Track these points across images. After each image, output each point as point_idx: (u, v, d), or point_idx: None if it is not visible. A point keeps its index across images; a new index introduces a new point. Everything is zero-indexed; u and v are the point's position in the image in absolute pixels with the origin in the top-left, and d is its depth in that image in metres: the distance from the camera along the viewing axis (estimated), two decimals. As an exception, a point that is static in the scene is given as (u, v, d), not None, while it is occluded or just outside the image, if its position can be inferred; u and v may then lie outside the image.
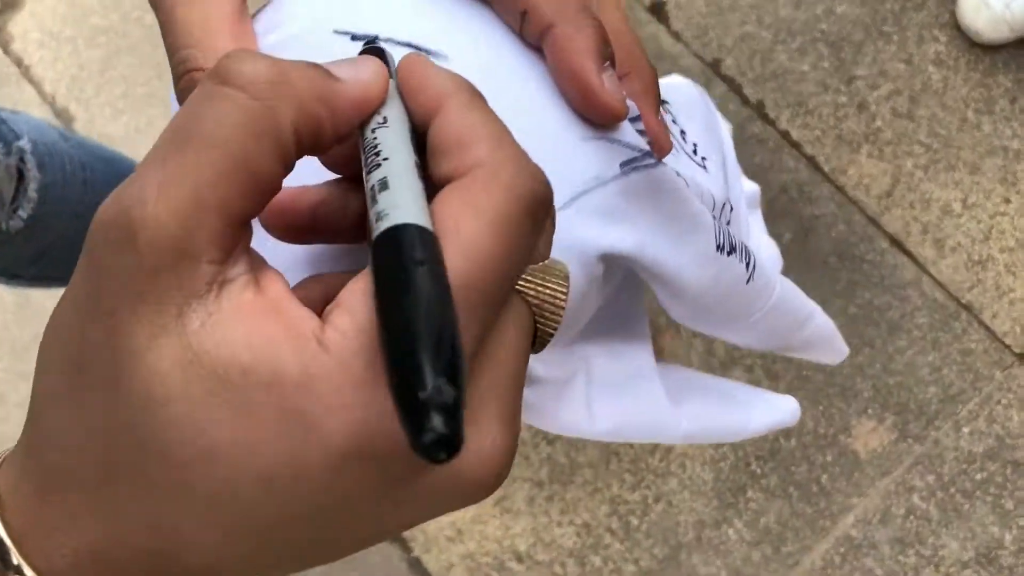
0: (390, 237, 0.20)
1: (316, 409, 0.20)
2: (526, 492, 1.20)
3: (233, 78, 0.22)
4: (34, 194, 0.75)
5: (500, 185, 0.22)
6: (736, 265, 0.41)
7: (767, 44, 1.28)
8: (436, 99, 0.25)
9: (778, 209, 1.22)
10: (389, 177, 0.22)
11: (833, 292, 1.19)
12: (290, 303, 0.22)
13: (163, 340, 0.21)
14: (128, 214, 0.21)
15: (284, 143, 0.22)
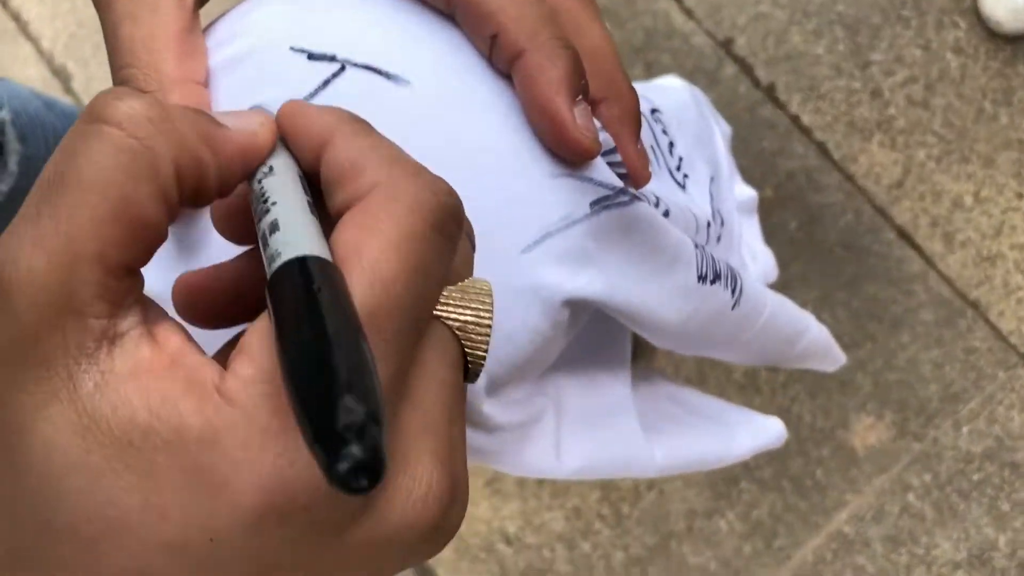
0: (284, 273, 0.19)
1: (223, 466, 0.19)
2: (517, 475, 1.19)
3: (109, 115, 0.20)
4: (15, 167, 0.72)
5: (400, 202, 0.21)
6: (720, 293, 0.39)
7: (782, 24, 1.25)
8: (321, 135, 0.23)
9: (785, 196, 1.20)
10: (279, 218, 0.20)
11: (837, 284, 1.17)
12: (188, 355, 0.20)
13: (54, 408, 0.19)
14: (2, 274, 0.19)
15: (165, 185, 0.20)
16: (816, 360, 0.60)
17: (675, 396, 0.56)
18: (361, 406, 0.16)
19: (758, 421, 0.58)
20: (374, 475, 0.16)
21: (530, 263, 0.29)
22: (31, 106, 0.79)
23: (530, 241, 0.29)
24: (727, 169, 0.58)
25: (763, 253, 0.63)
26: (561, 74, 0.28)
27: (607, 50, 0.32)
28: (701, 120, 0.55)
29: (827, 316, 1.16)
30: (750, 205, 0.65)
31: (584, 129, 0.29)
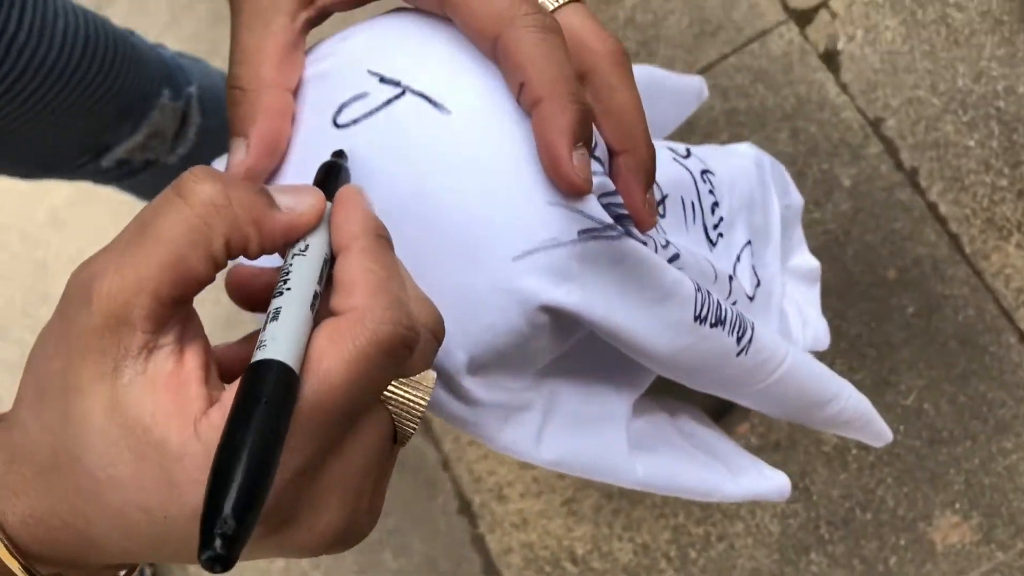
0: (255, 369, 0.26)
1: (181, 477, 0.27)
2: (595, 500, 1.23)
3: (186, 194, 0.28)
4: (193, 136, 0.82)
5: (363, 329, 0.28)
6: (722, 337, 0.43)
7: (936, 112, 1.25)
8: (345, 239, 0.30)
9: (908, 280, 1.20)
10: (283, 309, 0.28)
11: (946, 376, 1.16)
12: (193, 383, 0.28)
13: (99, 385, 0.27)
14: (91, 282, 0.27)
15: (214, 253, 0.28)
16: (854, 430, 0.62)
17: (687, 430, 0.60)
18: (234, 523, 0.23)
19: (765, 471, 0.61)
20: (225, 567, 0.23)
21: (516, 270, 0.35)
22: (218, 86, 0.89)
23: (519, 252, 0.34)
24: (778, 237, 0.61)
25: (816, 321, 0.66)
26: (567, 122, 0.33)
27: (631, 110, 0.37)
28: (759, 188, 0.59)
29: (929, 407, 1.16)
30: (812, 275, 0.68)
31: (578, 170, 0.34)
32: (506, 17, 0.34)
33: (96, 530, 0.29)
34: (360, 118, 0.36)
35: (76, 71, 0.68)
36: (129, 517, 0.28)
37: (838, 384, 0.56)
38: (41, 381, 0.29)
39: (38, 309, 1.55)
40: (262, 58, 0.37)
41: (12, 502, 0.29)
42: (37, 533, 0.29)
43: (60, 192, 1.60)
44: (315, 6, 0.38)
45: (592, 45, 0.37)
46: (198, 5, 1.61)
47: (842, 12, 1.32)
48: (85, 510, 0.28)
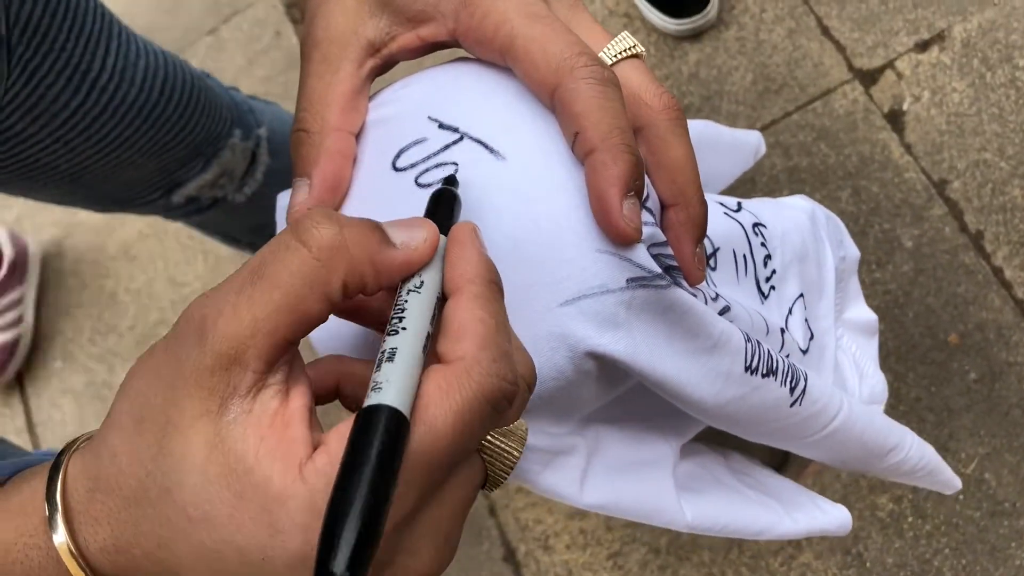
0: (371, 413, 0.26)
1: (284, 521, 0.27)
2: (641, 555, 1.21)
3: (304, 237, 0.28)
4: (260, 176, 0.85)
5: (471, 381, 0.28)
6: (773, 387, 0.43)
7: (1003, 175, 1.23)
8: (458, 281, 0.30)
9: (970, 345, 1.17)
10: (398, 350, 0.28)
11: (1009, 446, 1.13)
12: (298, 422, 0.28)
13: (202, 422, 0.27)
14: (205, 321, 0.28)
15: (331, 294, 0.29)
16: (918, 479, 0.61)
17: (738, 468, 0.59)
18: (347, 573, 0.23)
19: (823, 505, 0.59)
20: None
21: (564, 315, 0.35)
22: (287, 129, 0.92)
23: (568, 298, 0.35)
24: (832, 290, 0.61)
25: (873, 374, 0.65)
26: (619, 172, 0.34)
27: (685, 165, 0.37)
28: (813, 242, 0.59)
29: (991, 476, 1.13)
30: (870, 328, 0.67)
31: (628, 219, 0.34)
32: (565, 68, 0.35)
33: (181, 563, 0.29)
34: (418, 162, 0.37)
35: (154, 110, 0.71)
36: (221, 555, 0.28)
37: (899, 434, 0.55)
38: (139, 412, 0.29)
39: (105, 339, 1.59)
40: (327, 103, 0.38)
41: (94, 530, 0.29)
42: (118, 561, 0.29)
43: (132, 226, 1.65)
44: (381, 55, 0.39)
45: (648, 100, 0.37)
46: (272, 51, 1.67)
47: (908, 73, 1.31)
48: (172, 544, 0.28)
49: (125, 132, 0.70)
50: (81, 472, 0.30)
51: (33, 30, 0.61)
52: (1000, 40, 1.29)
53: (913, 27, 1.33)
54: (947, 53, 1.31)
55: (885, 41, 1.34)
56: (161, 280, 1.60)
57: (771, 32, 1.39)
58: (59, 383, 1.59)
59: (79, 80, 0.65)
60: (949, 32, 1.31)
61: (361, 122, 0.40)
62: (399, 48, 0.39)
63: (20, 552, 0.30)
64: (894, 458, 0.55)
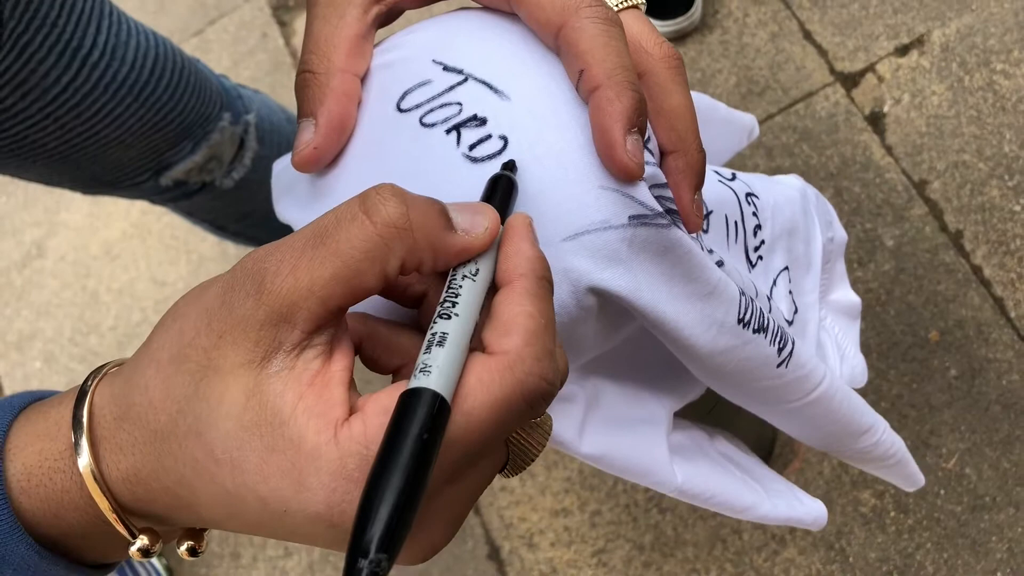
0: (416, 396, 0.27)
1: (312, 478, 0.27)
2: (626, 552, 1.21)
3: (371, 210, 0.28)
4: (248, 162, 0.85)
5: (513, 376, 0.28)
6: (763, 344, 0.43)
7: (982, 176, 1.25)
8: (511, 274, 0.31)
9: (951, 342, 1.18)
10: (449, 336, 0.28)
11: (988, 441, 1.14)
12: (338, 384, 0.29)
13: (243, 371, 0.28)
14: (264, 275, 0.28)
15: (389, 271, 0.29)
16: (886, 468, 0.61)
17: (723, 450, 0.59)
18: (386, 561, 0.24)
19: (801, 496, 0.60)
20: None
21: (567, 250, 0.36)
22: (275, 117, 0.92)
23: (570, 233, 0.35)
24: (818, 267, 0.61)
25: (854, 356, 0.65)
26: (623, 108, 0.34)
27: (683, 112, 0.38)
28: (803, 218, 0.59)
29: (971, 471, 1.14)
30: (852, 311, 0.68)
31: (631, 154, 0.35)
32: (571, 8, 0.35)
33: (199, 502, 0.29)
34: (423, 103, 0.38)
35: (144, 89, 0.71)
36: (242, 501, 0.28)
37: (874, 417, 0.56)
38: (179, 349, 0.29)
39: (87, 338, 1.58)
40: (333, 46, 0.38)
41: (117, 457, 0.29)
42: (136, 491, 0.30)
43: (115, 226, 1.65)
44: (386, 2, 0.40)
45: (649, 48, 0.38)
46: (258, 52, 1.67)
47: (889, 76, 1.33)
48: (194, 483, 0.28)
49: (115, 110, 0.70)
50: (110, 399, 0.30)
51: (25, 5, 0.61)
52: (978, 45, 1.31)
53: (893, 32, 1.35)
54: (926, 57, 1.33)
55: (866, 45, 1.36)
56: (144, 280, 1.60)
57: (754, 36, 1.40)
58: (39, 384, 1.57)
59: (70, 56, 0.65)
60: (928, 37, 1.34)
61: (366, 66, 0.40)
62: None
63: (44, 475, 0.30)
64: (868, 440, 0.56)
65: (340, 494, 0.27)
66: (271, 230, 0.97)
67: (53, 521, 0.31)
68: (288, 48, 1.65)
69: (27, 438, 0.31)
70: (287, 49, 1.65)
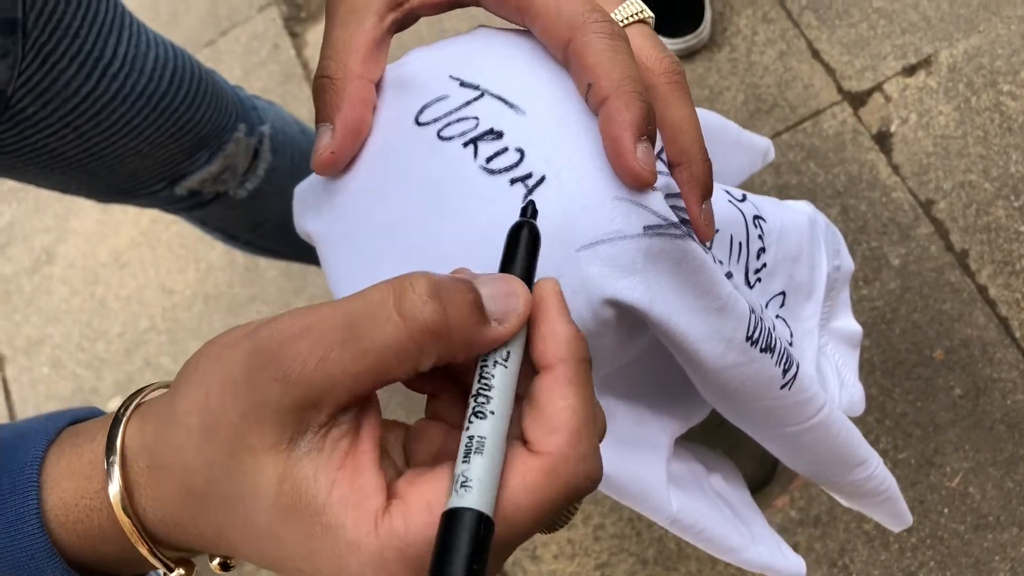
0: (460, 516, 0.27)
1: (354, 567, 0.27)
2: (629, 566, 1.21)
3: (407, 316, 0.28)
4: (262, 173, 0.86)
5: (559, 480, 0.28)
6: (769, 364, 0.44)
7: (988, 197, 1.26)
8: (550, 358, 0.30)
9: (955, 361, 1.19)
10: (487, 441, 0.28)
11: (993, 460, 1.15)
12: (369, 468, 0.29)
13: (272, 453, 0.28)
14: (291, 363, 0.28)
15: (421, 368, 0.29)
16: (876, 504, 0.61)
17: (719, 488, 0.60)
18: None
19: (784, 548, 0.60)
20: None
21: (582, 260, 0.36)
22: (289, 128, 0.93)
23: (585, 243, 0.36)
24: (821, 295, 0.62)
25: (853, 385, 0.66)
26: (632, 118, 0.35)
27: (685, 124, 0.39)
28: (809, 244, 0.60)
29: (975, 490, 1.14)
30: (853, 340, 0.68)
31: (642, 162, 0.35)
32: (578, 23, 0.36)
33: (239, 549, 0.29)
34: (441, 117, 0.39)
35: (162, 100, 0.72)
36: (281, 565, 0.28)
37: (868, 451, 0.57)
38: (210, 421, 0.29)
39: (94, 344, 1.59)
40: (350, 51, 0.39)
41: (155, 506, 0.30)
42: (175, 533, 0.30)
43: (124, 234, 1.66)
44: (403, 9, 0.41)
45: (650, 64, 0.39)
46: (270, 63, 1.68)
47: (896, 96, 1.34)
48: (236, 541, 0.29)
49: (134, 120, 0.71)
50: (141, 449, 0.30)
51: (48, 15, 0.62)
52: (985, 65, 1.32)
53: (901, 52, 1.36)
54: (934, 77, 1.34)
55: (874, 65, 1.37)
56: (152, 288, 1.60)
57: (763, 54, 1.42)
58: (46, 389, 1.58)
59: (91, 67, 0.66)
60: (936, 57, 1.35)
61: (381, 72, 0.41)
62: (420, 3, 0.40)
63: (81, 512, 0.31)
64: (862, 473, 0.56)
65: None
66: (283, 240, 0.98)
67: (90, 553, 0.32)
68: (300, 59, 1.66)
69: (63, 474, 0.31)
70: (299, 60, 1.66)
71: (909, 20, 1.37)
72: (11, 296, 1.68)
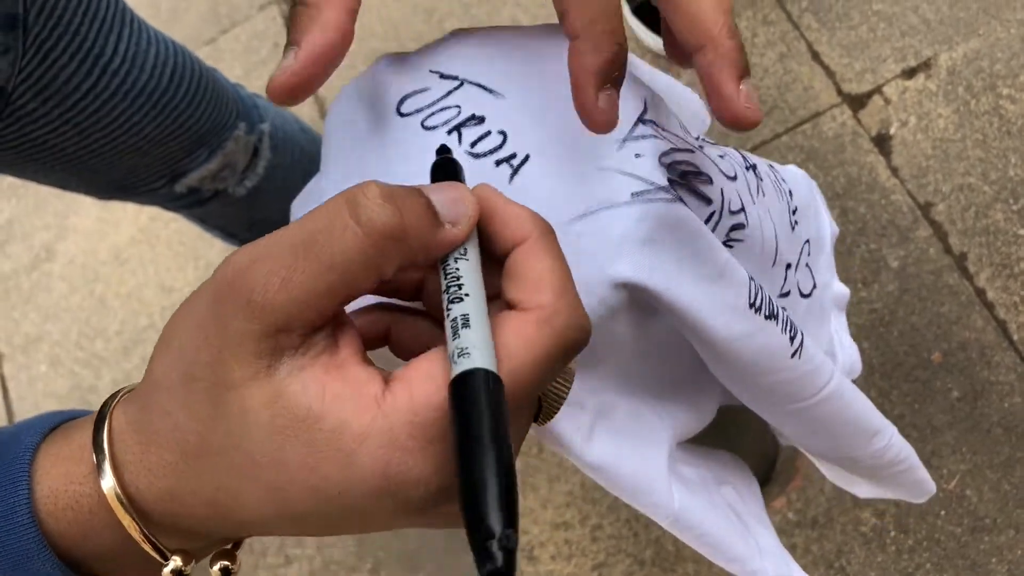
0: (470, 378, 0.26)
1: (364, 456, 0.27)
2: (626, 567, 1.21)
3: (364, 221, 0.27)
4: (261, 171, 0.86)
5: (553, 330, 0.28)
6: (776, 332, 0.43)
7: (986, 200, 1.26)
8: (516, 236, 0.30)
9: (953, 364, 1.19)
10: (471, 316, 0.28)
11: (990, 463, 1.15)
12: (356, 364, 0.28)
13: (254, 383, 0.27)
14: (253, 291, 0.27)
15: (384, 275, 0.29)
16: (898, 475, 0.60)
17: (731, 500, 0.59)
18: (515, 536, 0.23)
19: (793, 566, 0.60)
20: None
21: (576, 232, 0.37)
22: (289, 127, 0.93)
23: (575, 215, 0.36)
24: (829, 249, 0.62)
25: (849, 347, 0.65)
26: (598, 62, 0.33)
27: (707, 6, 0.36)
28: (809, 197, 0.60)
29: (972, 493, 1.14)
30: (842, 302, 0.68)
31: (603, 110, 0.34)
32: None
33: (242, 505, 0.29)
34: (423, 108, 0.39)
35: (163, 97, 0.72)
36: (289, 494, 0.28)
37: (882, 419, 0.56)
38: (186, 369, 0.28)
39: (92, 343, 1.59)
40: None
41: (150, 480, 0.29)
42: (172, 508, 0.30)
43: (124, 231, 1.66)
44: None
45: None
46: (270, 62, 1.68)
47: (895, 99, 1.34)
48: (236, 487, 0.28)
49: (134, 117, 0.71)
50: (128, 426, 0.30)
51: (49, 11, 0.62)
52: (984, 69, 1.32)
53: (901, 55, 1.37)
54: (933, 80, 1.34)
55: (873, 67, 1.37)
56: (151, 286, 1.61)
57: (763, 56, 1.42)
58: (44, 387, 1.58)
59: (91, 63, 0.66)
60: (935, 60, 1.35)
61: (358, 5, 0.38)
62: None
63: (70, 498, 0.30)
64: (880, 442, 0.55)
65: (396, 464, 0.27)
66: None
67: (81, 542, 0.31)
68: (300, 59, 1.66)
69: (52, 460, 0.31)
70: (299, 60, 1.66)
71: (909, 23, 1.38)
72: (10, 293, 1.69)
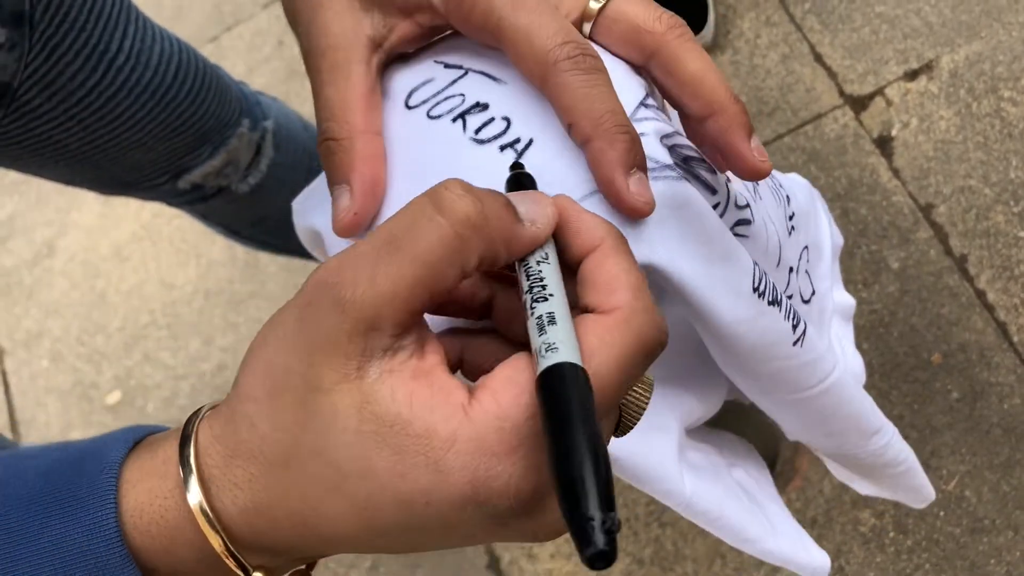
0: (558, 371, 0.27)
1: (454, 463, 0.27)
2: (625, 566, 1.22)
3: (447, 211, 0.28)
4: (264, 168, 0.86)
5: (631, 331, 0.29)
6: (779, 318, 0.44)
7: (987, 201, 1.26)
8: (589, 243, 0.31)
9: (953, 365, 1.19)
10: (556, 313, 0.28)
11: (989, 464, 1.15)
12: (443, 373, 0.29)
13: (345, 385, 0.28)
14: (342, 289, 0.28)
15: (468, 269, 0.29)
16: (896, 477, 0.61)
17: (742, 481, 0.59)
18: (617, 518, 0.24)
19: (808, 543, 0.60)
20: (609, 563, 0.23)
21: None
22: (292, 124, 0.94)
23: (580, 196, 0.37)
24: (829, 257, 0.62)
25: (852, 356, 0.66)
26: (618, 155, 0.35)
27: (704, 75, 0.38)
28: (809, 205, 0.60)
29: (971, 494, 1.14)
30: (848, 312, 0.68)
31: (637, 195, 0.35)
32: (550, 60, 0.36)
33: (327, 519, 0.29)
34: (429, 99, 0.40)
35: (167, 93, 0.72)
36: (376, 507, 0.28)
37: (883, 419, 0.56)
38: (272, 381, 0.29)
39: (94, 339, 1.59)
40: (347, 109, 0.39)
41: (235, 494, 0.30)
42: (256, 522, 0.30)
43: (126, 228, 1.66)
44: (384, 49, 0.40)
45: (650, 27, 0.38)
46: (273, 60, 1.69)
47: (897, 100, 1.34)
48: (321, 500, 0.29)
49: (138, 113, 0.71)
50: (214, 440, 0.30)
51: (55, 8, 0.63)
52: (986, 72, 1.33)
53: (903, 57, 1.37)
54: (935, 82, 1.34)
55: (876, 69, 1.37)
56: (153, 282, 1.61)
57: (765, 57, 1.42)
58: (45, 382, 1.59)
59: (97, 60, 0.67)
60: (937, 62, 1.35)
61: (381, 119, 0.40)
62: (399, 39, 0.40)
63: (155, 512, 0.30)
64: (880, 440, 0.56)
65: (484, 471, 0.27)
66: (285, 235, 0.98)
67: (163, 557, 0.31)
68: (302, 56, 1.66)
69: (137, 474, 0.31)
70: (302, 58, 1.66)
71: (911, 25, 1.38)
72: (11, 289, 1.69)
